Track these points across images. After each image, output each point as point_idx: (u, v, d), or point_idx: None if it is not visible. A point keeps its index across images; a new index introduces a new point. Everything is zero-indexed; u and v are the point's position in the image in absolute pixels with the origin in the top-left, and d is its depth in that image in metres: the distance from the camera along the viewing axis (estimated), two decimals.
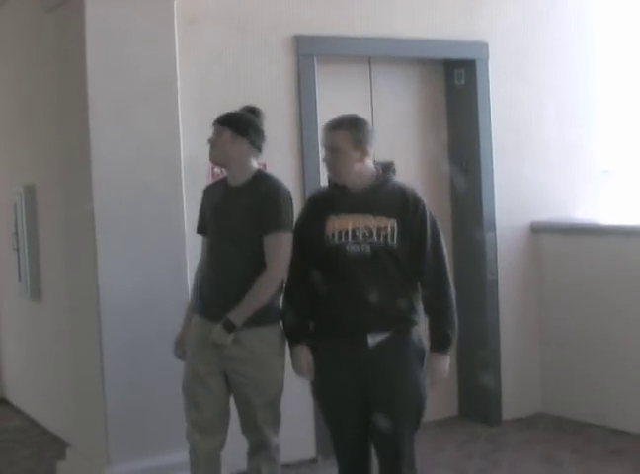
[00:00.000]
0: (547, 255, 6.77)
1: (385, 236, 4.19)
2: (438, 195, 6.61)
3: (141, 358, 5.14)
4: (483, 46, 6.50)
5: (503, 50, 6.56)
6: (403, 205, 4.25)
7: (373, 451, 4.40)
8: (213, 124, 4.49)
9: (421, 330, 4.36)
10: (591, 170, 7.01)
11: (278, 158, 5.76)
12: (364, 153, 4.28)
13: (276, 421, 4.53)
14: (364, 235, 4.19)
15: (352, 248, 4.19)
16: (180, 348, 4.60)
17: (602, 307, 6.41)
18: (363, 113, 6.22)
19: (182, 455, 4.64)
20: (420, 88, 6.62)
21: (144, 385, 5.14)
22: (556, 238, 6.76)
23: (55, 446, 6.41)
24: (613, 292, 6.33)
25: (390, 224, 4.20)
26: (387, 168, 4.36)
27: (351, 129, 4.26)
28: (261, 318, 4.35)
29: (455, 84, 6.62)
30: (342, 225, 4.21)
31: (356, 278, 4.20)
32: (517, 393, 6.69)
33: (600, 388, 6.43)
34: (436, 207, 6.50)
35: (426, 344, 4.36)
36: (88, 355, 5.41)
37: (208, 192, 4.66)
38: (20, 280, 7.11)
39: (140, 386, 5.15)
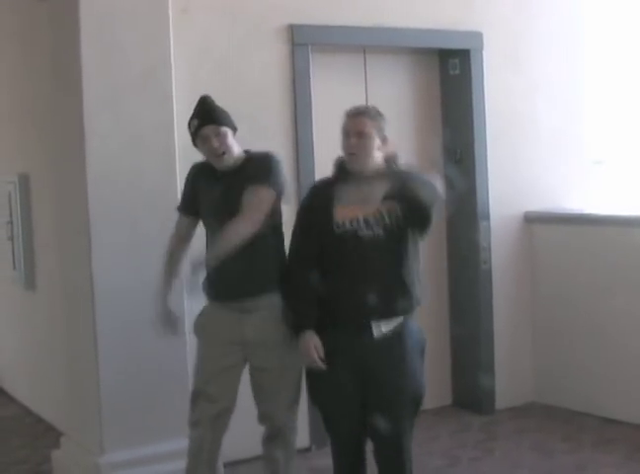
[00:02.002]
0: (540, 244, 6.79)
1: (397, 217, 4.20)
2: None
3: (135, 347, 5.14)
4: (477, 36, 6.50)
5: (497, 40, 6.57)
6: (399, 186, 4.23)
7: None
8: (208, 126, 4.41)
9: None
10: (584, 160, 7.02)
11: (271, 147, 5.72)
12: (384, 142, 4.32)
13: (296, 403, 4.57)
14: (376, 219, 4.20)
15: (365, 232, 4.19)
16: (173, 322, 4.57)
17: (595, 297, 6.43)
18: (358, 102, 6.23)
19: (177, 443, 4.66)
20: (414, 77, 6.62)
21: (139, 374, 5.15)
22: (549, 228, 6.77)
23: (50, 435, 6.41)
24: (606, 282, 6.35)
25: (398, 207, 4.20)
26: (390, 158, 4.35)
27: (376, 117, 4.33)
28: (263, 285, 4.41)
29: (450, 73, 6.62)
30: (353, 213, 4.21)
31: (368, 263, 4.20)
32: (509, 382, 6.70)
33: (593, 377, 6.46)
34: None
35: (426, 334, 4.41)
36: (82, 343, 5.41)
37: (199, 173, 4.60)
38: (14, 269, 7.11)
39: (135, 375, 5.15)
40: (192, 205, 4.60)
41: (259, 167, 4.42)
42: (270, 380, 4.48)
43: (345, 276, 4.23)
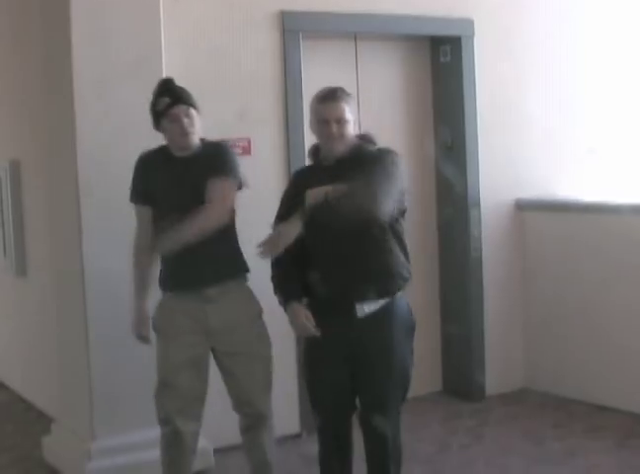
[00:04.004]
0: (531, 232, 6.79)
1: None
2: (422, 171, 6.63)
3: (126, 334, 5.11)
4: (468, 23, 6.49)
5: (488, 27, 6.55)
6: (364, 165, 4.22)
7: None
8: (179, 105, 4.39)
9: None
10: (575, 148, 7.02)
11: (262, 134, 5.77)
12: (356, 123, 4.37)
13: (270, 388, 4.60)
14: None
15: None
16: (144, 327, 4.59)
17: (586, 284, 6.44)
18: (349, 89, 6.20)
19: None
20: (405, 64, 6.62)
21: (129, 360, 5.15)
22: (540, 215, 6.78)
23: (41, 421, 6.42)
24: (597, 269, 6.36)
25: None
26: (362, 138, 4.38)
27: (349, 100, 4.34)
28: (230, 272, 4.45)
29: (441, 61, 6.62)
30: None
31: (336, 247, 4.20)
32: (500, 369, 6.72)
33: (584, 364, 6.47)
34: (420, 184, 6.59)
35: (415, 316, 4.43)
36: (73, 330, 5.42)
37: (152, 162, 4.56)
38: (5, 256, 7.11)
39: (125, 361, 5.16)
40: (147, 194, 4.54)
41: (217, 157, 4.42)
42: (241, 365, 4.49)
43: (324, 261, 4.26)
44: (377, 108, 6.44)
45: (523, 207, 6.77)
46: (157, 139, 5.23)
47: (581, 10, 7.01)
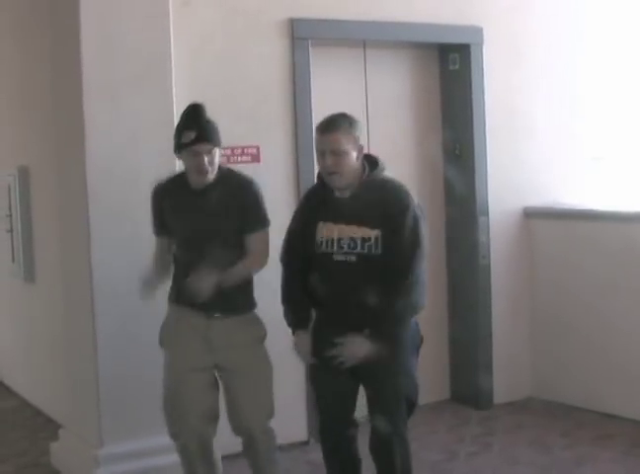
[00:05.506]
0: (539, 239, 6.79)
1: (370, 246, 4.20)
2: (431, 179, 6.63)
3: (134, 340, 5.15)
4: (477, 31, 6.49)
5: (497, 35, 6.56)
6: (387, 215, 4.20)
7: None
8: (204, 144, 4.34)
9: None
10: (583, 156, 7.02)
11: (271, 141, 5.77)
12: (361, 152, 4.28)
13: (269, 409, 4.56)
14: (349, 246, 4.22)
15: (338, 257, 4.24)
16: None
17: (594, 291, 6.43)
18: (358, 97, 6.30)
19: None
20: (414, 72, 6.62)
21: (137, 366, 5.15)
22: (548, 223, 6.77)
23: (49, 428, 6.43)
24: (604, 277, 6.35)
25: (374, 235, 4.20)
26: (373, 165, 4.31)
27: (350, 130, 4.23)
28: (238, 306, 4.45)
29: (449, 68, 6.62)
30: (328, 233, 4.26)
31: (342, 283, 4.24)
32: (508, 377, 6.71)
33: (591, 372, 6.46)
34: (429, 192, 6.59)
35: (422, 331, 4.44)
36: (81, 336, 5.42)
37: (165, 192, 4.53)
38: (13, 262, 7.12)
39: (133, 367, 5.16)
40: (164, 225, 4.55)
41: (251, 205, 4.44)
42: (237, 383, 4.47)
43: (328, 288, 4.30)
44: (386, 115, 6.44)
45: (531, 215, 6.77)
46: (165, 146, 5.27)
47: (590, 18, 7.01)
